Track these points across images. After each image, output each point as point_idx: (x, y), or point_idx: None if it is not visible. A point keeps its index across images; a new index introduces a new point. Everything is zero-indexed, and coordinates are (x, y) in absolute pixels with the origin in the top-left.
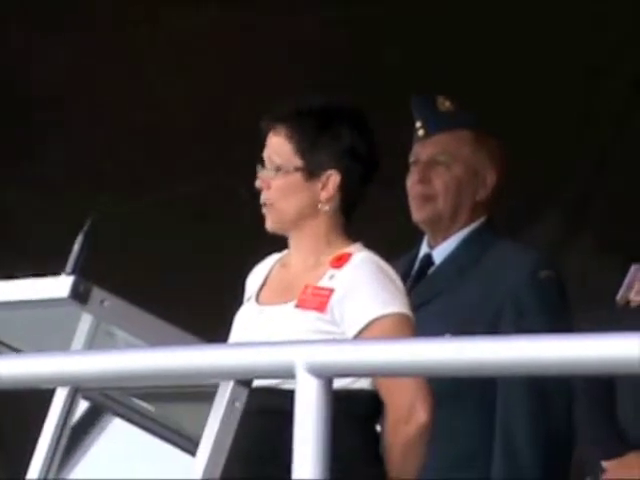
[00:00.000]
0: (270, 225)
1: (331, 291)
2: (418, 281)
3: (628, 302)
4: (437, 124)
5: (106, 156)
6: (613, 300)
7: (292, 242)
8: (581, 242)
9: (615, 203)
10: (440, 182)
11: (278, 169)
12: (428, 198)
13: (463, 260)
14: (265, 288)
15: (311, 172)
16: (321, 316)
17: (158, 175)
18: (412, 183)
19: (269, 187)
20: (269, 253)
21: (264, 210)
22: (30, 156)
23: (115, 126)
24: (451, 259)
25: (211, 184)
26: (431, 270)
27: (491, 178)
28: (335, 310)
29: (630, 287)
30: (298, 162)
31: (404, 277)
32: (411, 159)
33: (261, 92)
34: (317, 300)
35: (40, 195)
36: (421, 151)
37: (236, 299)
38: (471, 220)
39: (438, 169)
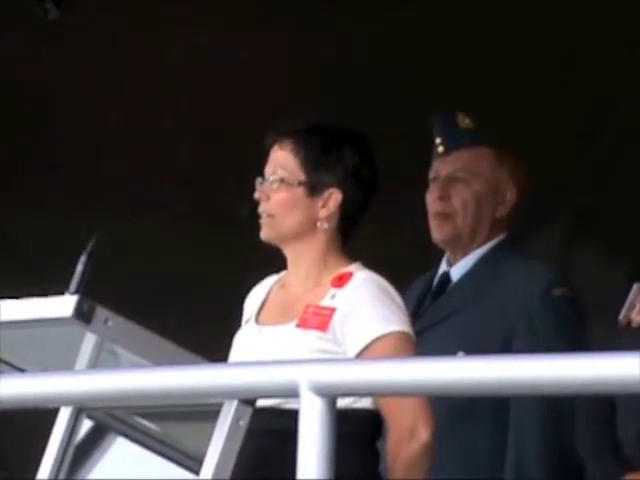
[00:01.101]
0: (266, 235)
1: (333, 310)
2: (436, 298)
3: (630, 322)
4: (457, 141)
5: (105, 175)
6: (615, 317)
7: (290, 261)
8: (584, 254)
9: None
10: (459, 199)
11: (282, 181)
12: (447, 217)
13: (480, 278)
14: (264, 309)
15: (314, 188)
16: (323, 335)
17: (158, 194)
18: (432, 200)
19: (269, 199)
20: (269, 271)
21: (261, 221)
22: (28, 173)
23: (113, 143)
24: (468, 277)
25: (211, 201)
26: (448, 288)
27: (511, 195)
28: (337, 329)
29: (632, 307)
30: (302, 177)
31: (424, 294)
32: (431, 175)
33: (261, 109)
34: (319, 319)
35: (38, 213)
36: (441, 168)
37: (237, 318)
38: (490, 237)
39: (458, 186)
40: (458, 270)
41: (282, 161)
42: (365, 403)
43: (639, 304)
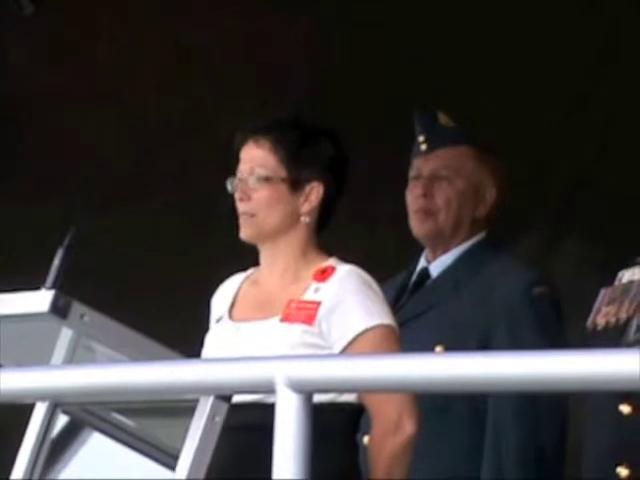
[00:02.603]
0: (247, 234)
1: (318, 304)
2: (414, 293)
3: (596, 326)
4: (440, 139)
5: (87, 168)
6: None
7: (265, 256)
8: (565, 250)
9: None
10: (442, 197)
11: (263, 179)
12: (430, 213)
13: (459, 275)
14: (237, 306)
15: (296, 184)
16: (308, 329)
17: (140, 188)
18: (414, 197)
19: (249, 198)
20: (245, 266)
21: (241, 220)
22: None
23: (96, 137)
24: (447, 273)
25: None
26: (427, 283)
27: (491, 195)
28: (323, 323)
29: (598, 312)
30: (283, 173)
31: (402, 290)
32: (412, 173)
33: (245, 105)
34: (304, 313)
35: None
36: (423, 165)
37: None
38: (470, 236)
39: (441, 184)
40: (437, 266)
41: (260, 160)
42: (348, 397)
43: (604, 308)
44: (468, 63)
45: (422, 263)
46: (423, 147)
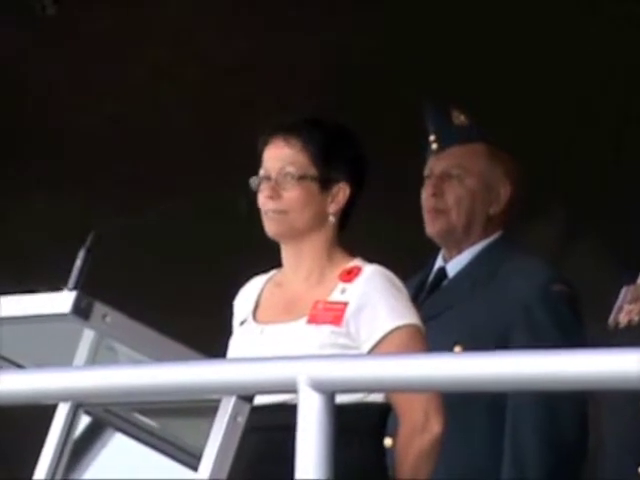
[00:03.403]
0: (277, 231)
1: (345, 304)
2: (431, 293)
3: (617, 324)
4: (451, 137)
5: (105, 168)
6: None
7: (289, 256)
8: (583, 245)
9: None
10: (453, 195)
11: (299, 178)
12: (441, 212)
13: (476, 274)
14: (261, 308)
15: (325, 183)
16: (336, 329)
17: (158, 189)
18: (426, 196)
19: (279, 196)
20: (268, 267)
21: (269, 217)
22: (25, 167)
23: (113, 137)
24: (464, 273)
25: (211, 196)
26: (444, 283)
27: (505, 192)
28: (351, 323)
29: (620, 309)
30: (314, 172)
31: (419, 290)
32: (425, 173)
33: (262, 108)
34: (331, 314)
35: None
36: (435, 164)
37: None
38: (485, 234)
39: (452, 182)
40: (454, 266)
41: (291, 158)
42: (376, 397)
43: (627, 306)
44: (483, 59)
45: (439, 262)
46: (434, 146)
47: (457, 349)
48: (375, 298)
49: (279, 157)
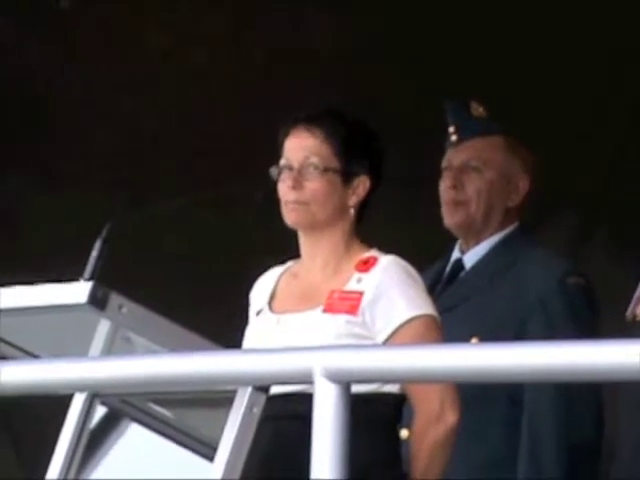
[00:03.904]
0: (298, 221)
1: (361, 294)
2: (449, 285)
3: (635, 317)
4: (470, 129)
5: (123, 161)
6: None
7: (308, 246)
8: (597, 242)
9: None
10: (472, 187)
11: (323, 170)
12: (460, 203)
13: (494, 266)
14: (277, 298)
15: (347, 176)
16: (352, 319)
17: (174, 181)
18: (445, 188)
19: (302, 187)
20: (281, 258)
21: (290, 207)
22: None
23: (130, 128)
24: (482, 264)
25: (228, 189)
26: (461, 275)
27: (523, 185)
28: (366, 312)
29: (638, 302)
30: (337, 164)
31: (436, 281)
32: (444, 164)
33: (276, 102)
34: (347, 304)
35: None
36: (454, 156)
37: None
38: (503, 226)
39: (471, 175)
40: (471, 257)
41: (314, 148)
42: (392, 388)
43: None
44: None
45: (456, 254)
46: (453, 138)
47: (474, 341)
48: (391, 288)
49: (303, 147)
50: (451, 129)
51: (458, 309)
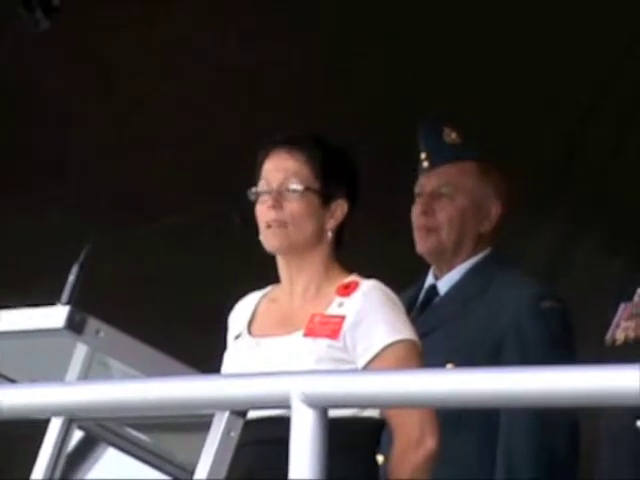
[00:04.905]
0: (276, 245)
1: (342, 318)
2: (423, 311)
3: (615, 341)
4: (442, 156)
5: (100, 187)
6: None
7: (287, 272)
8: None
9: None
10: (444, 214)
11: (303, 191)
12: (431, 230)
13: (467, 291)
14: (256, 323)
15: (327, 198)
16: (333, 343)
17: (149, 205)
18: (416, 214)
19: (281, 207)
20: (261, 283)
21: (269, 231)
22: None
23: (108, 157)
24: (455, 290)
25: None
26: (435, 301)
27: (496, 210)
28: (347, 337)
29: (618, 326)
30: (317, 186)
31: (410, 307)
32: (416, 190)
33: (257, 123)
34: (329, 328)
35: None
36: (425, 183)
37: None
38: (475, 252)
39: (442, 201)
40: (445, 283)
41: (295, 170)
42: (372, 412)
43: (624, 323)
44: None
45: (430, 280)
46: (425, 164)
47: (449, 366)
48: (372, 313)
49: (283, 168)
50: (423, 155)
51: (433, 335)
